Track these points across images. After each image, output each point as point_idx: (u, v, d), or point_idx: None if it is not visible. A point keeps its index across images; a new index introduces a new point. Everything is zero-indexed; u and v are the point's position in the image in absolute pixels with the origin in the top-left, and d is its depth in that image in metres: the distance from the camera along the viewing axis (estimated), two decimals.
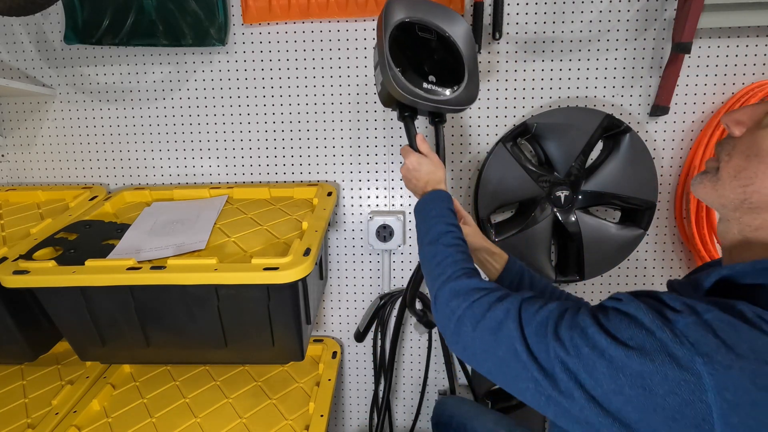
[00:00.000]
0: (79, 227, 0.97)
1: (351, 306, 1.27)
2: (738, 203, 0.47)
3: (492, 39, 1.05)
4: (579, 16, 1.04)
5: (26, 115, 1.19)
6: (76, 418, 0.95)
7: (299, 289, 0.87)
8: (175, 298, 0.85)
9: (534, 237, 1.07)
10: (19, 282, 0.81)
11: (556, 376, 0.44)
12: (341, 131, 1.15)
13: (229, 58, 1.12)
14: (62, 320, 0.90)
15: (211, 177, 1.21)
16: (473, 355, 0.53)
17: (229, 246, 0.92)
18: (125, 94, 1.16)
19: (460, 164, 1.15)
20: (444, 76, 0.82)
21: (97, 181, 1.23)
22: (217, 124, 1.17)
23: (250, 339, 0.93)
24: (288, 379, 1.09)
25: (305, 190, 1.13)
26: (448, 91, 0.82)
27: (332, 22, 1.08)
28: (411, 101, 0.79)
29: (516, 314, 0.50)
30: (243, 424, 0.95)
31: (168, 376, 1.09)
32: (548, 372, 0.44)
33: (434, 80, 0.81)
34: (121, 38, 1.07)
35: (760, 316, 0.38)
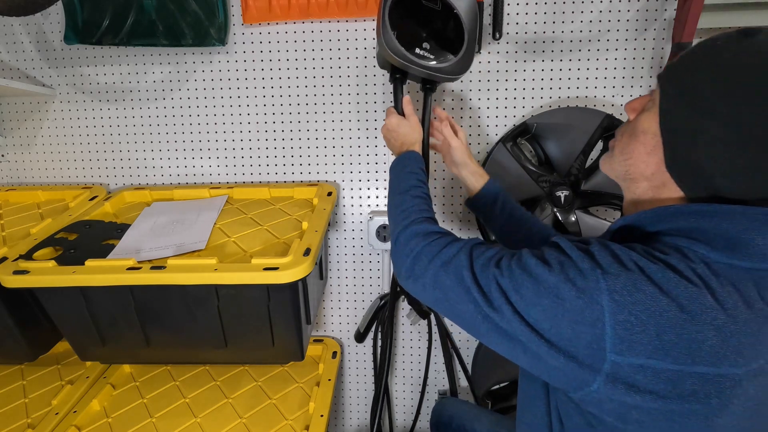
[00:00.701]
0: (79, 227, 0.97)
1: (351, 306, 1.27)
2: (624, 174, 0.57)
3: (492, 39, 1.05)
4: (579, 16, 1.04)
5: (26, 115, 1.19)
6: (76, 418, 0.95)
7: (299, 289, 0.87)
8: (175, 298, 0.85)
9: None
10: (19, 282, 0.81)
11: (491, 294, 0.52)
12: (341, 131, 1.15)
13: (229, 58, 1.12)
14: (62, 320, 0.90)
15: (211, 177, 1.20)
16: (423, 286, 0.60)
17: (229, 246, 0.92)
18: (125, 94, 1.16)
19: None
20: (441, 44, 0.85)
21: (97, 181, 1.23)
22: (217, 124, 1.17)
23: (250, 339, 0.93)
24: (288, 379, 1.09)
25: (305, 190, 1.13)
26: (441, 59, 0.85)
27: (332, 22, 1.08)
28: (401, 64, 0.83)
29: (468, 250, 0.58)
30: (243, 424, 0.95)
31: (168, 376, 1.09)
32: (485, 291, 0.52)
33: (428, 47, 0.84)
34: (121, 38, 1.07)
35: (645, 249, 0.48)
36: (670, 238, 0.49)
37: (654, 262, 0.46)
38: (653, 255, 0.47)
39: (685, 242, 0.48)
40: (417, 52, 0.83)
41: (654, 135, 0.53)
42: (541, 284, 0.48)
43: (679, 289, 0.44)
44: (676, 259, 0.46)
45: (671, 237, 0.49)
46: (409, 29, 0.83)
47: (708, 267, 0.46)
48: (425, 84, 0.91)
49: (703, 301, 0.44)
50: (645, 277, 0.45)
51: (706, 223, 0.47)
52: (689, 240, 0.48)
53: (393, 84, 0.90)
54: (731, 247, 0.46)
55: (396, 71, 0.88)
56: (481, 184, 0.87)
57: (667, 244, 0.49)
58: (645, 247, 0.48)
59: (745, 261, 0.46)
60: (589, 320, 0.45)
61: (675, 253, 0.47)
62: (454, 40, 0.86)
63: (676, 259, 0.46)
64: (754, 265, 0.46)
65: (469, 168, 0.88)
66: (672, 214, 0.49)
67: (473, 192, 0.88)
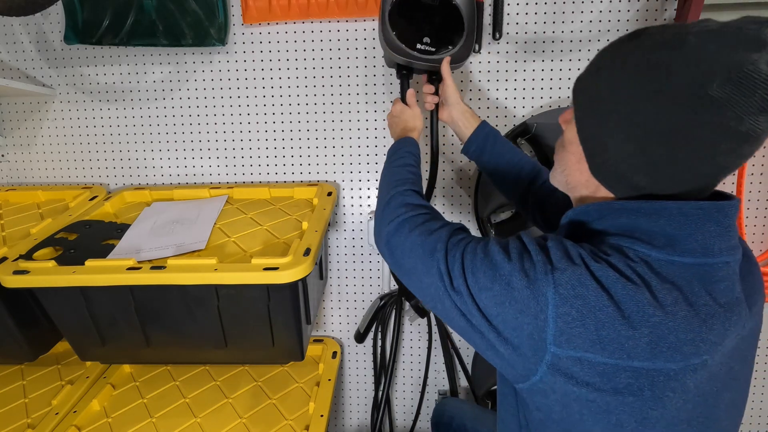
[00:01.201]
0: (79, 227, 0.97)
1: (351, 306, 1.27)
2: (565, 185, 0.59)
3: (492, 39, 1.05)
4: (579, 16, 1.04)
5: (26, 115, 1.19)
6: (76, 418, 0.95)
7: (299, 289, 0.87)
8: (175, 298, 0.85)
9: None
10: (19, 282, 0.81)
11: (453, 272, 0.54)
12: (341, 131, 1.15)
13: (229, 58, 1.12)
14: (62, 320, 0.90)
15: (211, 177, 1.21)
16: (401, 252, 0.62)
17: (229, 246, 0.92)
18: (125, 94, 1.16)
19: (461, 164, 1.15)
20: (441, 36, 0.90)
21: (97, 181, 1.23)
22: (217, 124, 1.17)
23: (250, 339, 0.93)
24: (288, 379, 1.09)
25: (305, 190, 1.13)
26: (442, 51, 0.89)
27: (332, 22, 1.08)
28: (405, 61, 0.89)
29: (450, 229, 0.60)
30: (243, 424, 0.95)
31: (168, 376, 1.09)
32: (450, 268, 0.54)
33: (429, 41, 0.89)
34: (121, 38, 1.07)
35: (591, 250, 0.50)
36: (614, 239, 0.50)
37: (597, 260, 0.48)
38: (598, 255, 0.49)
39: (627, 242, 0.49)
40: (419, 48, 0.88)
41: (577, 144, 0.54)
42: (497, 270, 0.50)
43: (618, 287, 0.45)
44: (616, 259, 0.47)
45: (615, 237, 0.50)
46: (409, 27, 0.88)
47: (648, 266, 0.47)
48: (431, 75, 0.93)
49: (640, 299, 0.45)
50: (589, 273, 0.47)
51: (644, 221, 0.48)
52: (631, 239, 0.49)
53: (400, 79, 0.94)
54: (671, 244, 0.47)
55: (402, 68, 0.93)
56: (474, 125, 0.88)
57: (611, 245, 0.50)
58: (592, 248, 0.50)
59: (686, 257, 0.47)
60: (534, 311, 0.47)
61: (617, 254, 0.48)
62: (453, 30, 0.90)
63: (616, 259, 0.47)
64: (696, 261, 0.47)
65: (460, 107, 0.89)
66: (615, 210, 0.50)
67: (466, 134, 0.88)
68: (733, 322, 0.47)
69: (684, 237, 0.47)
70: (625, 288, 0.45)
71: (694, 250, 0.47)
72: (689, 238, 0.47)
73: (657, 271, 0.47)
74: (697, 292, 0.46)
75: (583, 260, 0.48)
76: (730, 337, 0.47)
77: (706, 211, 0.47)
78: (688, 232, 0.47)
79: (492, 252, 0.52)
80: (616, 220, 0.50)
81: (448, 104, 0.90)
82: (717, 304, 0.47)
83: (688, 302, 0.46)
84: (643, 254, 0.48)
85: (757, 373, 1.24)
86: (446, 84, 0.88)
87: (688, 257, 0.47)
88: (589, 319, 0.45)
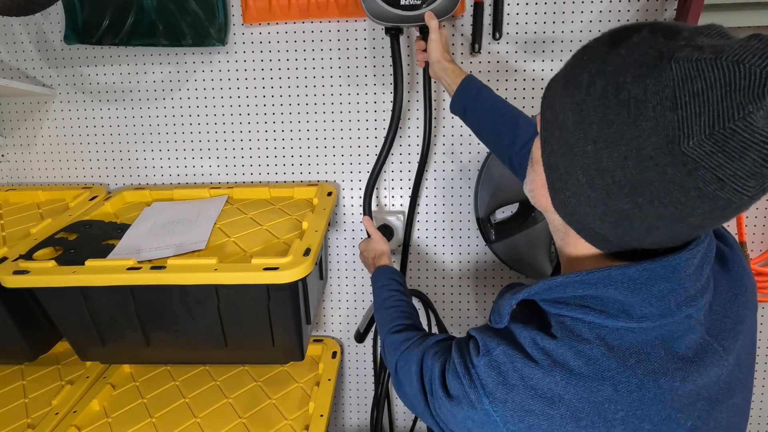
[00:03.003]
0: (79, 227, 0.97)
1: (351, 306, 1.27)
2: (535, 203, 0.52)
3: (492, 39, 1.05)
4: (579, 16, 1.04)
5: (26, 115, 1.19)
6: (76, 418, 0.95)
7: (299, 289, 0.87)
8: (175, 298, 0.85)
9: (534, 237, 1.07)
10: (19, 282, 0.81)
11: (432, 411, 0.54)
12: (341, 131, 1.15)
13: (229, 58, 1.12)
14: (62, 320, 0.90)
15: (211, 177, 1.20)
16: (401, 390, 0.65)
17: (229, 246, 0.92)
18: (125, 94, 1.16)
19: (460, 164, 1.15)
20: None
21: (97, 181, 1.23)
22: (217, 124, 1.17)
23: (250, 339, 0.93)
24: (288, 379, 1.09)
25: (305, 190, 1.13)
26: (427, 3, 0.88)
27: (332, 22, 1.08)
28: (390, 24, 0.89)
29: (419, 365, 0.59)
30: (243, 424, 0.95)
31: (168, 376, 1.09)
32: (430, 406, 0.55)
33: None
34: (121, 38, 1.07)
35: (533, 339, 0.45)
36: (566, 309, 0.45)
37: (539, 364, 0.43)
38: (542, 348, 0.44)
39: (580, 313, 0.44)
40: (402, 4, 0.86)
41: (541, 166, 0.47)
42: (453, 416, 0.50)
43: (570, 392, 0.42)
44: (566, 347, 0.43)
45: (567, 308, 0.45)
46: None
47: (605, 345, 0.43)
48: (421, 29, 0.92)
49: (598, 399, 0.41)
50: (532, 392, 0.43)
51: (593, 291, 0.43)
52: (584, 309, 0.44)
53: (390, 40, 0.94)
54: (625, 310, 0.42)
55: (390, 28, 0.92)
56: (458, 81, 0.85)
57: (560, 321, 0.45)
58: (534, 335, 0.46)
59: (644, 322, 0.42)
60: (491, 429, 0.45)
61: (567, 337, 0.44)
62: None
63: (566, 347, 0.43)
64: (655, 324, 0.42)
65: (441, 64, 0.87)
66: (560, 285, 0.45)
67: (450, 90, 0.87)
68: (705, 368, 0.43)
69: (637, 303, 0.42)
70: (578, 391, 0.42)
71: (651, 315, 0.42)
72: (643, 303, 0.42)
73: (616, 349, 0.42)
74: (662, 358, 0.42)
75: (522, 378, 0.44)
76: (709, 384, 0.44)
77: (654, 272, 0.42)
78: (641, 297, 0.42)
79: (438, 395, 0.51)
80: (565, 292, 0.45)
81: (430, 62, 0.88)
82: (684, 361, 0.43)
83: (654, 376, 0.42)
84: (597, 327, 0.43)
85: (758, 373, 1.24)
86: (430, 39, 0.86)
87: (646, 322, 0.42)
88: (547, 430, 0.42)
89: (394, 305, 0.80)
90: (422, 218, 1.19)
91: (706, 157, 0.33)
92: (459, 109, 0.86)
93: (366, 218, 1.02)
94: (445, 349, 0.56)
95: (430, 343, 0.61)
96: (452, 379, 0.50)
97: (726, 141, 0.33)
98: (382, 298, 0.83)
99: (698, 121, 0.33)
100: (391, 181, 1.17)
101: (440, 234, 1.20)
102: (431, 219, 1.19)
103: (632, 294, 0.42)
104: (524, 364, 0.44)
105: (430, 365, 0.56)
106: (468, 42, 1.06)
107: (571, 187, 0.43)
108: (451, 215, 1.18)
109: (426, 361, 0.58)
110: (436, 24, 0.86)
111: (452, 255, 1.21)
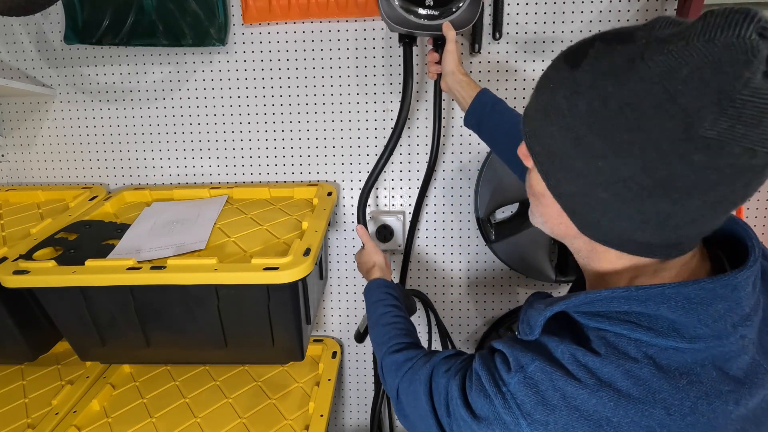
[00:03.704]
0: (79, 227, 0.97)
1: (351, 306, 1.27)
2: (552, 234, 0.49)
3: (492, 39, 1.05)
4: (579, 16, 1.04)
5: (26, 115, 1.19)
6: (76, 418, 0.95)
7: (299, 289, 0.87)
8: (175, 298, 0.85)
9: (534, 237, 1.07)
10: (19, 282, 0.81)
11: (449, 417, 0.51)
12: (341, 131, 1.15)
13: (229, 58, 1.12)
14: (62, 320, 0.90)
15: (211, 177, 1.20)
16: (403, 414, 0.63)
17: (229, 246, 0.92)
18: (125, 94, 1.16)
19: (460, 164, 1.15)
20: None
21: (97, 181, 1.23)
22: (217, 124, 1.17)
23: (250, 339, 0.93)
24: (288, 379, 1.09)
25: (305, 190, 1.13)
26: (445, 13, 0.83)
27: (332, 22, 1.08)
28: (406, 31, 0.83)
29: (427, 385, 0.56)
30: (243, 424, 0.95)
31: (168, 376, 1.09)
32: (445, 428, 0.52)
33: (431, 3, 0.82)
34: (121, 38, 1.07)
35: (573, 355, 0.42)
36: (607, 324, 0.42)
37: (584, 383, 0.40)
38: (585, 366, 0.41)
39: (625, 329, 0.41)
40: (421, 13, 0.81)
41: (550, 197, 0.45)
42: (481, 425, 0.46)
43: (620, 415, 0.39)
44: (612, 365, 0.40)
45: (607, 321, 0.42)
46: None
47: (655, 365, 0.40)
48: (436, 41, 0.89)
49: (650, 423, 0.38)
50: (577, 414, 0.40)
51: (641, 307, 0.41)
52: (629, 325, 0.41)
53: (403, 48, 0.90)
54: (676, 329, 0.40)
55: (403, 36, 0.87)
56: (473, 95, 0.83)
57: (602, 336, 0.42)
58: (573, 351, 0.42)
59: (696, 343, 0.40)
60: None
61: (612, 354, 0.40)
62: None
63: (612, 365, 0.40)
64: (707, 345, 0.40)
65: (455, 77, 0.84)
66: (604, 299, 0.42)
67: (465, 105, 0.84)
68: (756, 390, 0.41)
69: (691, 324, 0.40)
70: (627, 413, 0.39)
71: (704, 335, 0.40)
72: (698, 324, 0.39)
73: (665, 369, 0.39)
74: (714, 379, 0.40)
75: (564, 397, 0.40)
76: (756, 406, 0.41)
77: (713, 292, 0.40)
78: (696, 317, 0.39)
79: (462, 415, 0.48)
80: (609, 306, 0.42)
81: (444, 73, 0.85)
82: (737, 383, 0.40)
83: (708, 399, 0.39)
84: (644, 345, 0.40)
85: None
86: (446, 50, 0.83)
87: (698, 343, 0.40)
88: None
89: (390, 322, 0.76)
90: (422, 218, 1.19)
91: (727, 133, 0.33)
92: (473, 122, 0.84)
93: (359, 227, 0.97)
94: (460, 365, 0.53)
95: (438, 359, 0.57)
96: (478, 397, 0.46)
97: (740, 112, 0.33)
98: (377, 315, 0.79)
99: (703, 103, 0.33)
100: (391, 181, 1.17)
101: (440, 234, 1.20)
102: (431, 219, 1.19)
103: (686, 314, 0.40)
104: (566, 383, 0.41)
105: (444, 383, 0.52)
106: (468, 42, 1.06)
107: (598, 207, 0.41)
108: (451, 215, 1.18)
109: (436, 379, 0.54)
110: (453, 35, 0.83)
111: (452, 255, 1.21)
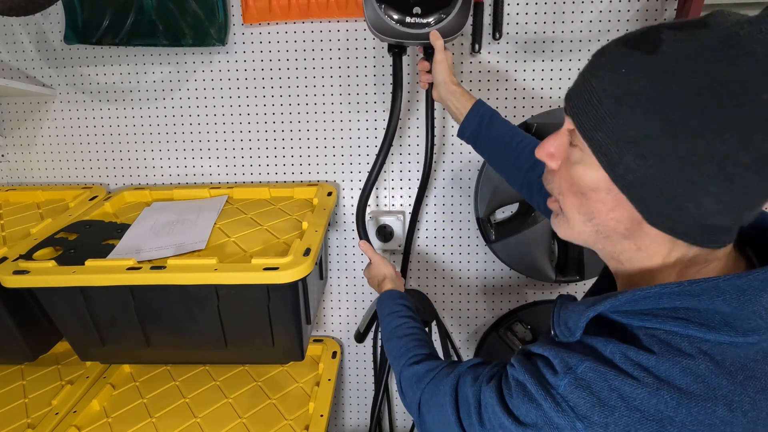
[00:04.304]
0: (79, 227, 0.97)
1: (351, 306, 1.27)
2: (594, 235, 0.47)
3: (492, 39, 1.05)
4: (579, 16, 1.04)
5: (26, 115, 1.19)
6: (76, 418, 0.95)
7: (299, 289, 0.87)
8: (175, 298, 0.85)
9: (534, 237, 1.07)
10: (19, 282, 0.81)
11: None
12: (341, 131, 1.15)
13: (229, 58, 1.12)
14: (62, 320, 0.90)
15: (211, 177, 1.20)
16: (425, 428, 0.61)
17: (229, 246, 0.92)
18: (125, 94, 1.16)
19: (460, 164, 1.15)
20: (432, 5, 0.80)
21: (97, 181, 1.23)
22: (217, 124, 1.17)
23: (250, 339, 0.93)
24: (288, 379, 1.09)
25: (305, 190, 1.13)
26: (433, 21, 0.80)
27: (332, 22, 1.08)
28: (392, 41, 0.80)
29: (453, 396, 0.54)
30: (243, 424, 0.95)
31: (168, 376, 1.09)
32: None
33: (419, 12, 0.79)
34: (121, 38, 1.07)
35: (625, 354, 0.40)
36: (655, 322, 0.41)
37: (642, 382, 0.39)
38: (639, 364, 0.39)
39: (676, 326, 0.40)
40: (408, 21, 0.79)
41: (609, 191, 0.43)
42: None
43: (683, 414, 0.37)
44: (669, 362, 0.39)
45: (655, 319, 0.41)
46: None
47: (712, 361, 0.38)
48: (426, 50, 0.86)
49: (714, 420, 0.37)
50: (638, 414, 0.38)
51: (693, 302, 0.40)
52: (678, 322, 0.40)
53: (393, 59, 0.88)
54: (729, 323, 0.39)
55: (392, 46, 0.84)
56: (467, 106, 0.81)
57: (652, 334, 0.41)
58: (624, 350, 0.41)
59: (750, 336, 0.39)
60: None
61: (667, 351, 0.39)
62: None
63: (669, 362, 0.39)
64: (761, 338, 0.39)
65: (448, 87, 0.82)
66: (652, 296, 0.41)
67: (459, 117, 0.83)
68: None
69: (745, 316, 0.39)
70: (690, 412, 0.37)
71: (759, 328, 0.39)
72: (752, 316, 0.39)
73: (722, 365, 0.38)
74: None
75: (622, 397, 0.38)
76: None
77: (766, 282, 0.39)
78: (750, 309, 0.39)
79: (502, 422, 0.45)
80: (657, 303, 0.41)
81: (435, 83, 0.84)
82: None
83: (765, 394, 0.38)
84: (698, 341, 0.39)
85: None
86: (435, 60, 0.81)
87: (752, 336, 0.39)
88: None
89: (407, 333, 0.73)
90: (422, 218, 1.19)
91: None
92: (469, 135, 0.82)
93: (362, 243, 0.96)
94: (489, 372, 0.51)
95: (464, 368, 0.55)
96: (522, 403, 0.44)
97: None
98: (392, 327, 0.76)
99: None
100: (391, 181, 1.17)
101: (440, 234, 1.20)
102: (431, 219, 1.19)
103: (741, 306, 0.39)
104: (622, 382, 0.39)
105: (474, 393, 0.51)
106: (468, 42, 1.06)
107: (681, 190, 0.39)
108: (451, 215, 1.18)
109: (464, 389, 0.52)
110: (441, 44, 0.81)
111: (452, 255, 1.21)
